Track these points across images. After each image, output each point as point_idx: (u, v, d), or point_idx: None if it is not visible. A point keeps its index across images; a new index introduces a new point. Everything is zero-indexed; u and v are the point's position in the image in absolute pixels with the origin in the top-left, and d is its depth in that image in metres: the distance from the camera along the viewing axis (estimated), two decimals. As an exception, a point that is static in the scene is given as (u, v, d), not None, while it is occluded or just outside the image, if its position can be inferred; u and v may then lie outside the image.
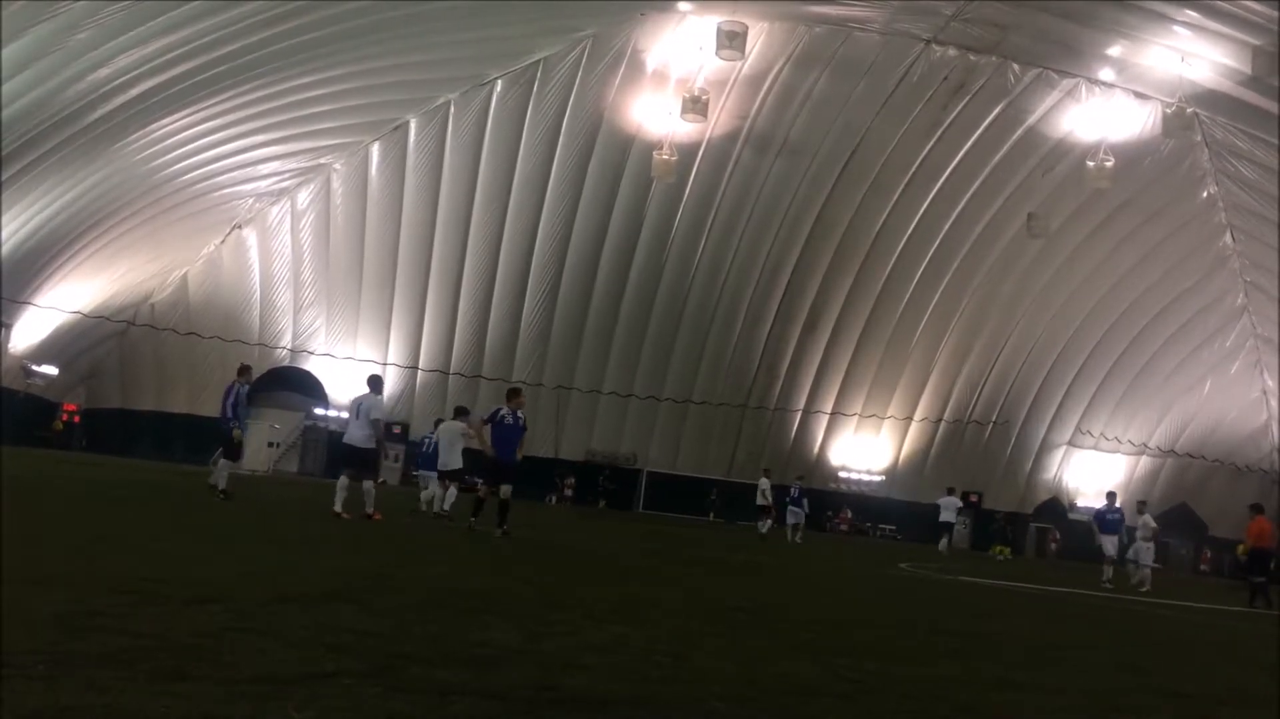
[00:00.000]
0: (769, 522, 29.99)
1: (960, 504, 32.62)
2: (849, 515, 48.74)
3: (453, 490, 19.27)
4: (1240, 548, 21.71)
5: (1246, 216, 40.38)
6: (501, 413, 14.90)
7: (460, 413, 20.07)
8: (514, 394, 15.34)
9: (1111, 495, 24.76)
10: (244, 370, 17.34)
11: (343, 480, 14.61)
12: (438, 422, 21.67)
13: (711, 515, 45.66)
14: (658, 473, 47.78)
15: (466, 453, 18.94)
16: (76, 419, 45.31)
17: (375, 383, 15.56)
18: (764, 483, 30.31)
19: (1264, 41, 29.69)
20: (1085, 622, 11.62)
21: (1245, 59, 30.82)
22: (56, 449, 39.26)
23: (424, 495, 20.22)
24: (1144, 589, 20.73)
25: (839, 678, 4.86)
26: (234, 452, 16.70)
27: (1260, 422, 49.76)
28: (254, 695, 3.20)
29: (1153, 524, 23.71)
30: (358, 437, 14.77)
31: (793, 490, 32.28)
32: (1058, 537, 47.75)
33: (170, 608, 4.75)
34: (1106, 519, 23.39)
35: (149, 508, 13.16)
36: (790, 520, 31.38)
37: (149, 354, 45.88)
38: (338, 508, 14.08)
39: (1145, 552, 22.39)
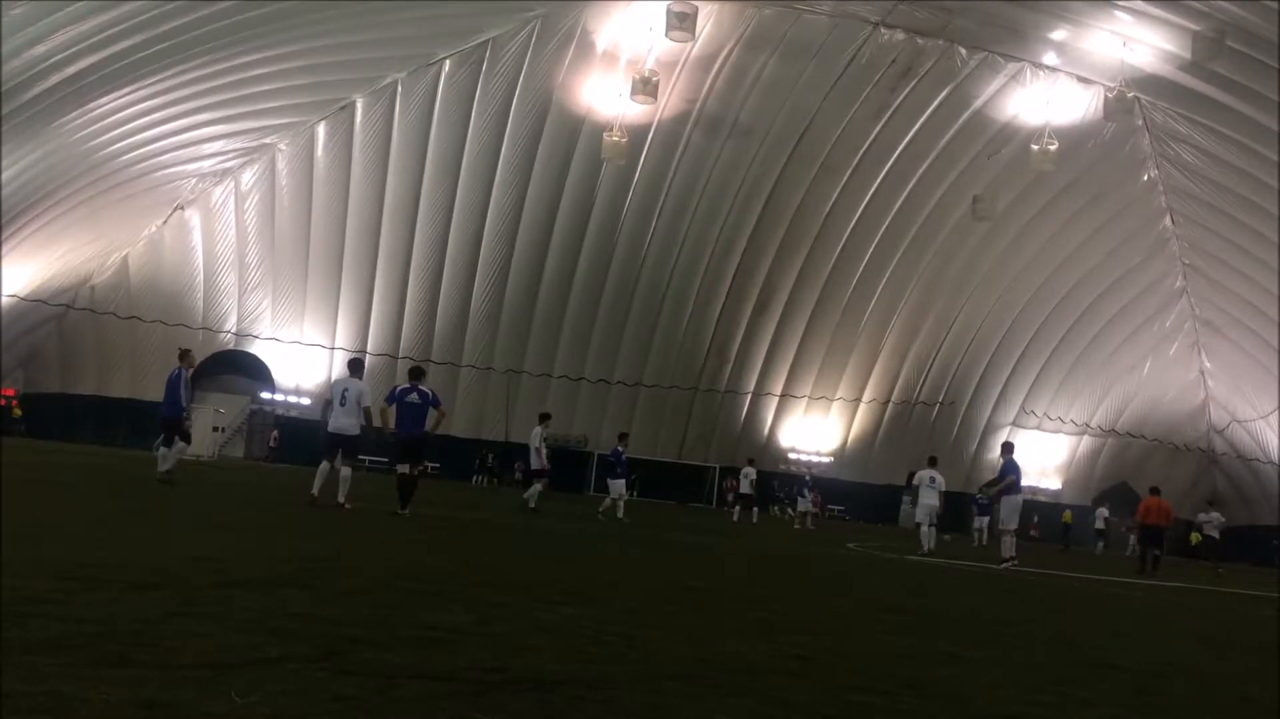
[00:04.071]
0: (749, 510, 31.40)
1: (1107, 514, 38.64)
2: (820, 498, 49.03)
3: (536, 486, 20.37)
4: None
5: (1186, 200, 41.18)
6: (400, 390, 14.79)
7: (544, 419, 21.45)
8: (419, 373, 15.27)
9: (1007, 447, 20.24)
10: (186, 354, 17.23)
11: (323, 466, 14.23)
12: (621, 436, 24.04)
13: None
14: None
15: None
16: (15, 403, 44.40)
17: (357, 366, 15.21)
18: (750, 472, 31.61)
19: (1204, 27, 30.23)
20: (1023, 597, 11.83)
21: (1185, 44, 31.36)
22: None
23: (606, 502, 21.97)
24: (924, 551, 19.61)
25: (789, 656, 4.90)
26: (186, 436, 16.65)
27: (1198, 402, 50.88)
28: (197, 681, 3.16)
29: (940, 484, 21.95)
30: (344, 424, 14.29)
31: (806, 479, 35.49)
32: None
33: (113, 594, 4.67)
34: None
35: (91, 493, 12.93)
36: (800, 507, 33.95)
37: (89, 338, 45.02)
38: (333, 497, 13.77)
39: (934, 511, 20.83)
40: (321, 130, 40.90)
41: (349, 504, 13.77)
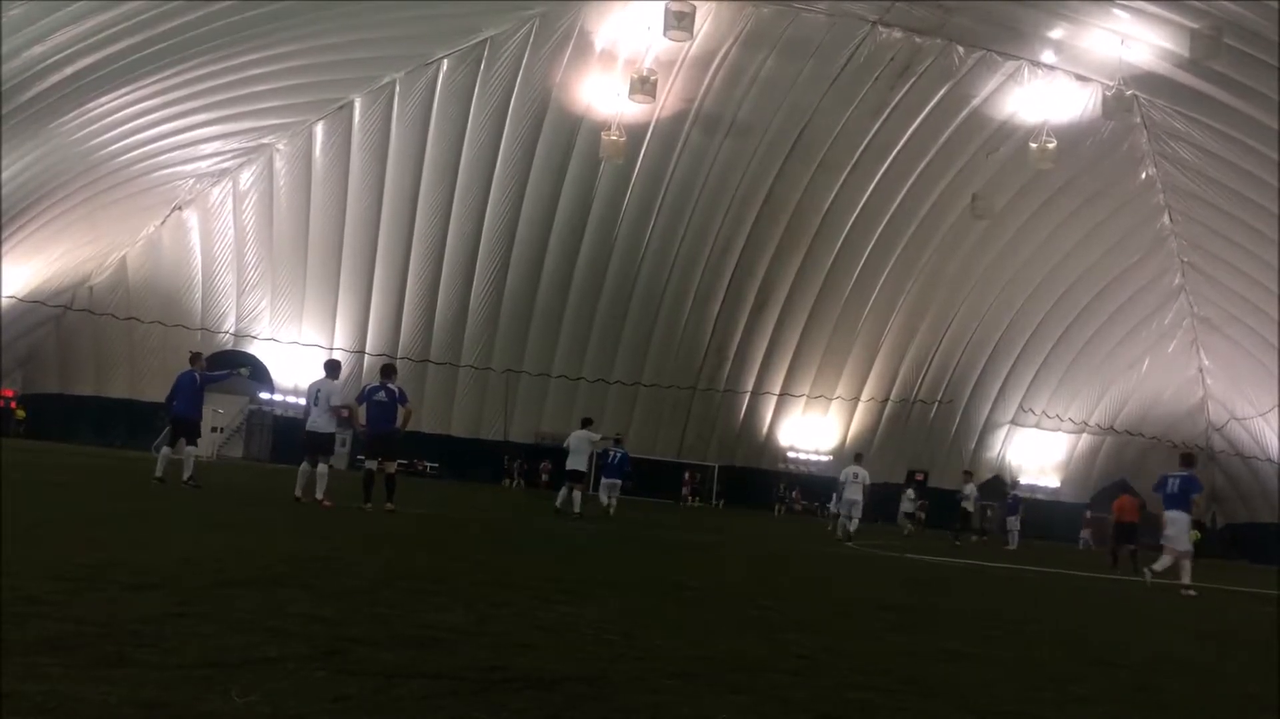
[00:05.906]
0: (968, 531, 31.55)
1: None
2: (800, 495, 49.10)
3: (578, 494, 20.44)
4: None
5: (1184, 198, 41.16)
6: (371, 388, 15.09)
7: (587, 423, 21.67)
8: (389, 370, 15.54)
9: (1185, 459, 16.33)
10: (197, 358, 17.52)
11: (304, 467, 14.65)
12: (617, 439, 24.21)
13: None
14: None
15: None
16: (14, 405, 44.39)
17: (333, 367, 15.70)
18: (969, 489, 31.38)
19: (1202, 25, 30.22)
20: (1021, 594, 11.84)
21: (1184, 42, 31.35)
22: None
23: (602, 499, 22.40)
24: (843, 538, 21.40)
25: (788, 654, 4.91)
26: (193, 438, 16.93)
27: (1196, 399, 50.86)
28: (196, 680, 3.17)
29: (864, 478, 22.33)
30: (320, 423, 14.87)
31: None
32: (925, 506, 49.27)
33: (112, 594, 4.67)
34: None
35: (91, 493, 12.92)
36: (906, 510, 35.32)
37: (88, 338, 44.97)
38: (312, 495, 14.20)
39: (855, 505, 22.23)
40: (320, 130, 40.84)
41: (328, 501, 14.17)
